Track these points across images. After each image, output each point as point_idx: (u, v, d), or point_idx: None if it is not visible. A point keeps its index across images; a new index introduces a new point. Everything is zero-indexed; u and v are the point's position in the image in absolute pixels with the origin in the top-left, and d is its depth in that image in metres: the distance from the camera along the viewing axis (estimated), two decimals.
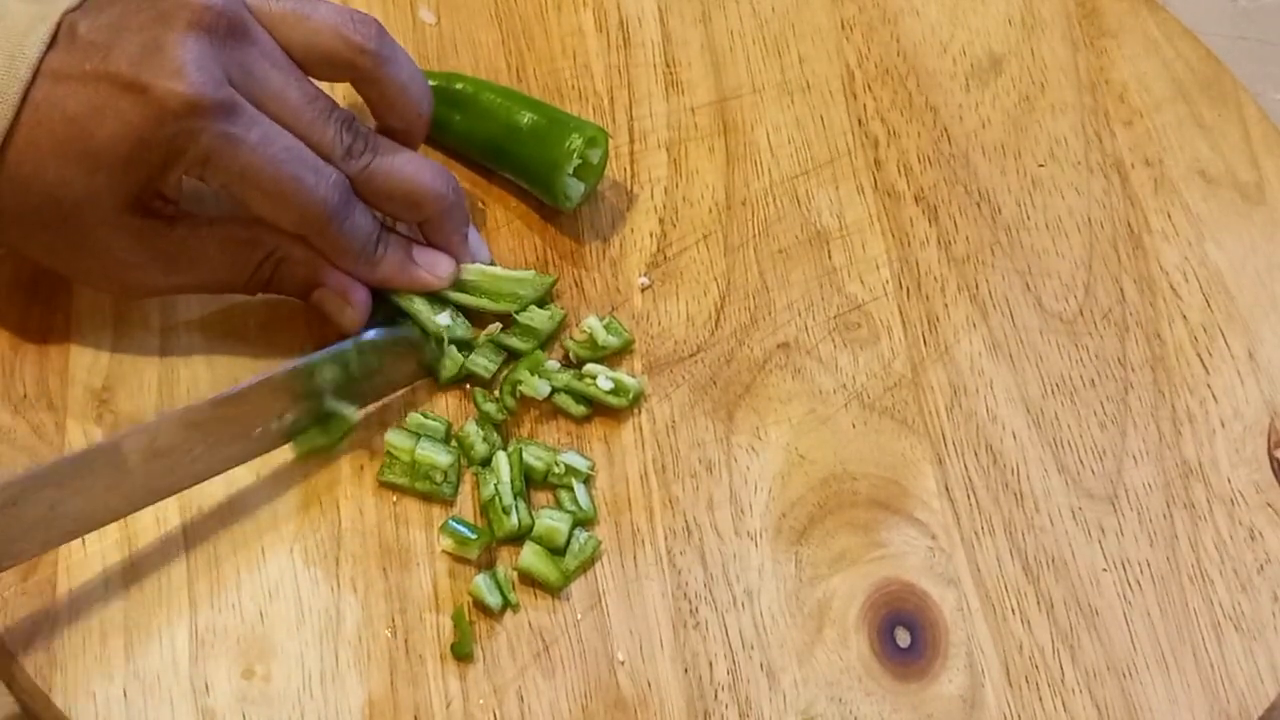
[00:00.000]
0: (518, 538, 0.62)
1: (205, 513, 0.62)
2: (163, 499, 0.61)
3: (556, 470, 0.64)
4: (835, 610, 0.63)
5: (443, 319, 0.65)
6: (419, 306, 0.65)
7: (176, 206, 0.63)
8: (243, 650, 0.60)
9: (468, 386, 0.66)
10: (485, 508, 0.63)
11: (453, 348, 0.65)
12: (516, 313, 0.67)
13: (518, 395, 0.65)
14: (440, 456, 0.63)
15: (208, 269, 0.63)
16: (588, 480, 0.64)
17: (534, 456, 0.64)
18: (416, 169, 0.64)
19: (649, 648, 0.61)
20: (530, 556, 0.62)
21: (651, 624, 0.62)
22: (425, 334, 0.65)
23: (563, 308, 0.68)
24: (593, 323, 0.67)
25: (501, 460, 0.64)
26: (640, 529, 0.64)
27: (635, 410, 0.66)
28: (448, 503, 0.63)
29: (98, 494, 0.59)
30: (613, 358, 0.67)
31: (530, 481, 0.64)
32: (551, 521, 0.63)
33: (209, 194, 0.64)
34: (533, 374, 0.65)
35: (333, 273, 0.64)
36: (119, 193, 0.60)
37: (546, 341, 0.67)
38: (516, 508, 0.63)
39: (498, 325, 0.66)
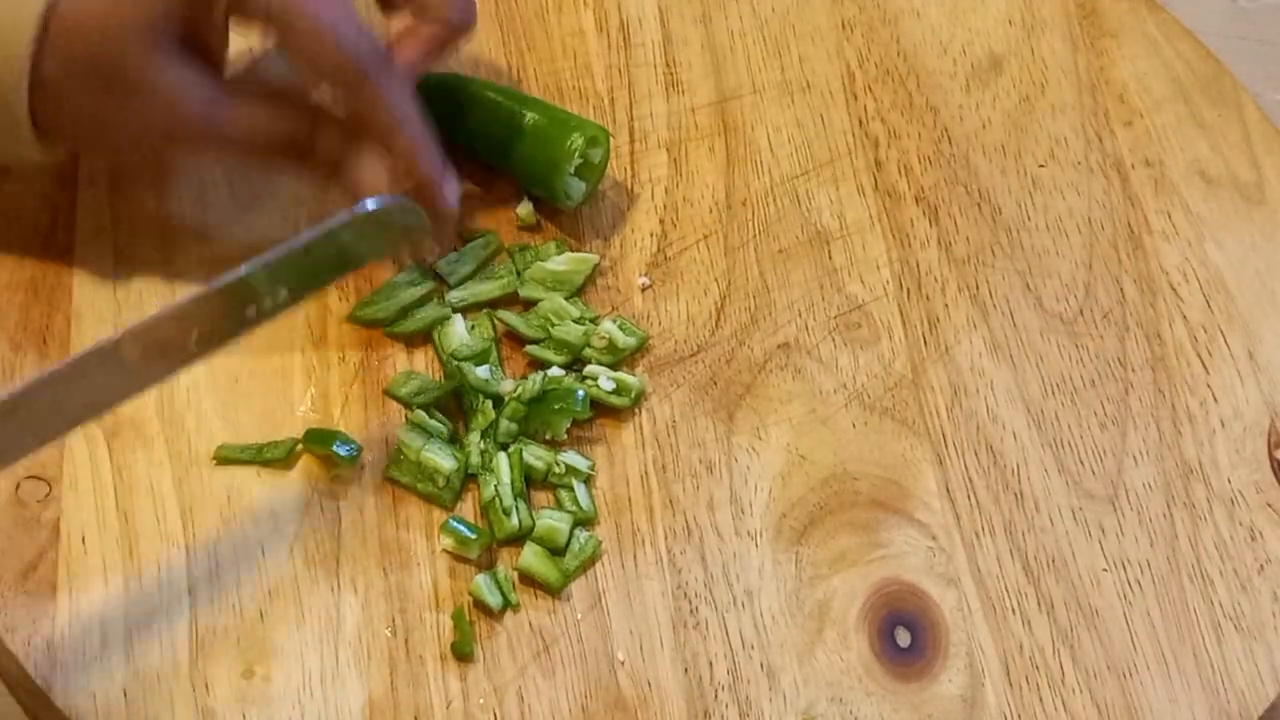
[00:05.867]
0: (518, 538, 0.63)
1: (205, 512, 0.62)
2: (159, 384, 0.60)
3: (557, 470, 0.64)
4: (835, 610, 0.63)
5: (482, 372, 0.65)
6: (467, 369, 0.65)
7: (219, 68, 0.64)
8: (243, 650, 0.60)
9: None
10: (486, 508, 0.63)
11: (488, 402, 0.65)
12: (552, 327, 0.67)
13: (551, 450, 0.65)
14: (444, 461, 0.63)
15: (249, 119, 0.63)
16: (588, 480, 0.64)
17: (534, 456, 0.64)
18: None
19: (649, 648, 0.61)
20: (530, 556, 0.62)
21: (651, 624, 0.62)
22: (467, 387, 0.65)
23: (596, 318, 0.68)
24: (609, 327, 0.67)
25: (502, 460, 0.64)
26: (640, 529, 0.64)
27: (635, 410, 0.66)
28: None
29: (97, 389, 0.57)
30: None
31: (531, 481, 0.64)
32: (552, 521, 0.63)
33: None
34: (561, 416, 0.65)
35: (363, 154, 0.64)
36: (172, 10, 0.60)
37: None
38: (517, 508, 0.63)
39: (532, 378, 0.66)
